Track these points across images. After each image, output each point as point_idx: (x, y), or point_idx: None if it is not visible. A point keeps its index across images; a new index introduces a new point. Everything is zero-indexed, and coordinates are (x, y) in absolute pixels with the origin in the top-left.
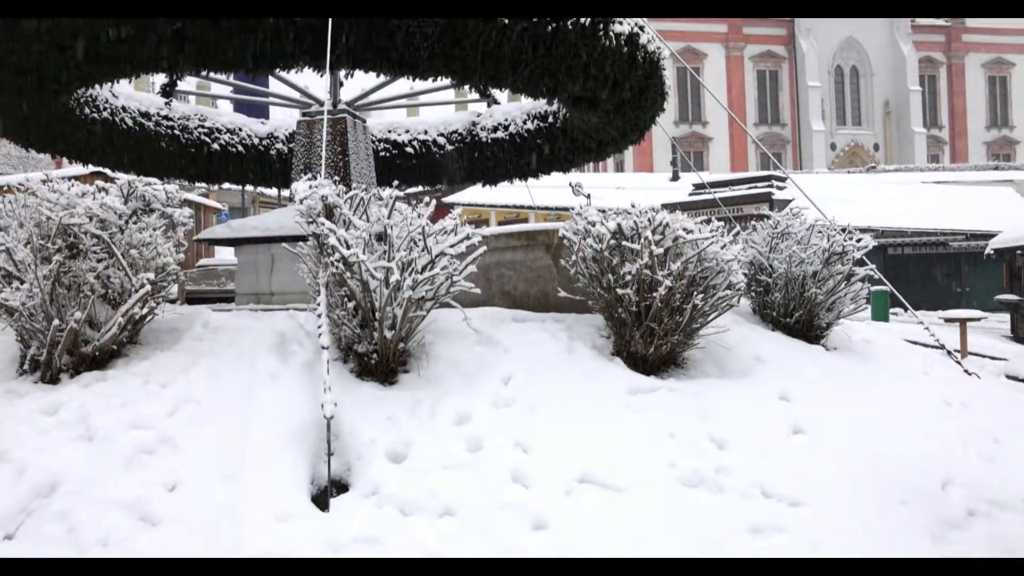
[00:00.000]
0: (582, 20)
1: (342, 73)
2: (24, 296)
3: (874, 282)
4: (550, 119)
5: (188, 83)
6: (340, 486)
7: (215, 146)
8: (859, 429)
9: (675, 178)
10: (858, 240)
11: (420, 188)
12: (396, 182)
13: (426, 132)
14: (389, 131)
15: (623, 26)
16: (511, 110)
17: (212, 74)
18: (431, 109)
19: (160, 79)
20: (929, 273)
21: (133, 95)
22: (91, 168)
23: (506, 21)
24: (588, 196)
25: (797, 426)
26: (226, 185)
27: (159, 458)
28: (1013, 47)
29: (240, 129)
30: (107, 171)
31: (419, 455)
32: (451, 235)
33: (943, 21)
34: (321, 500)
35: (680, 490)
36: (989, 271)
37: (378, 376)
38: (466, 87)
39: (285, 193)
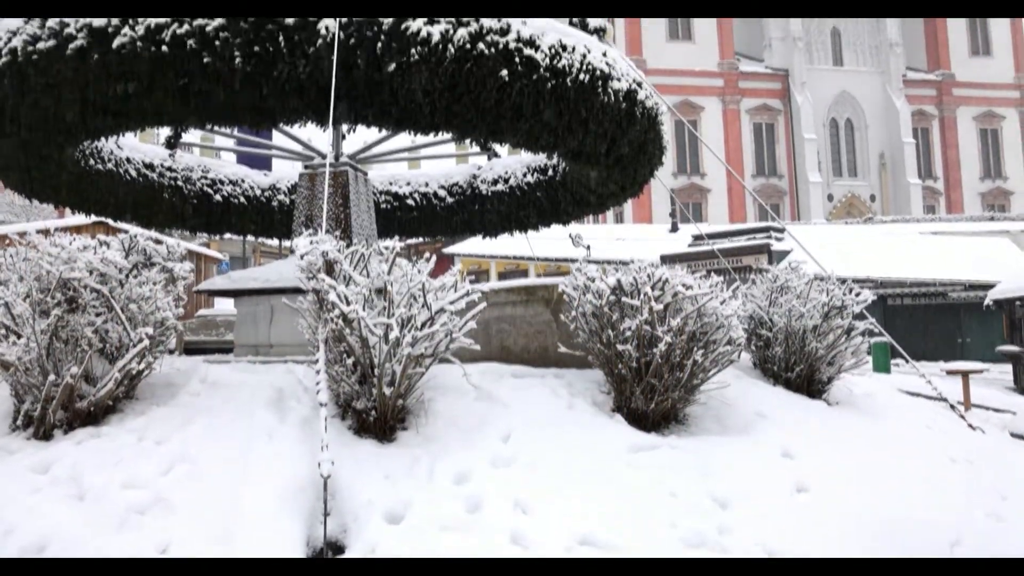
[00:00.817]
0: (581, 77)
1: (344, 127)
2: (21, 350)
3: (875, 334)
4: (550, 172)
5: (192, 135)
6: (336, 547)
7: (217, 197)
8: (864, 487)
9: (674, 229)
10: (857, 294)
11: (421, 239)
12: (397, 236)
13: (427, 184)
14: (390, 183)
15: (621, 83)
16: (511, 163)
17: (216, 127)
18: (432, 161)
19: (165, 131)
20: (929, 324)
21: (138, 147)
22: (93, 218)
23: (506, 77)
24: (588, 247)
25: (801, 484)
26: (227, 235)
27: (152, 518)
28: (1003, 101)
29: (243, 181)
30: (109, 221)
31: (417, 515)
32: (451, 291)
33: (934, 76)
34: None
35: (682, 551)
36: (989, 321)
37: (376, 433)
38: (467, 141)
39: (286, 244)
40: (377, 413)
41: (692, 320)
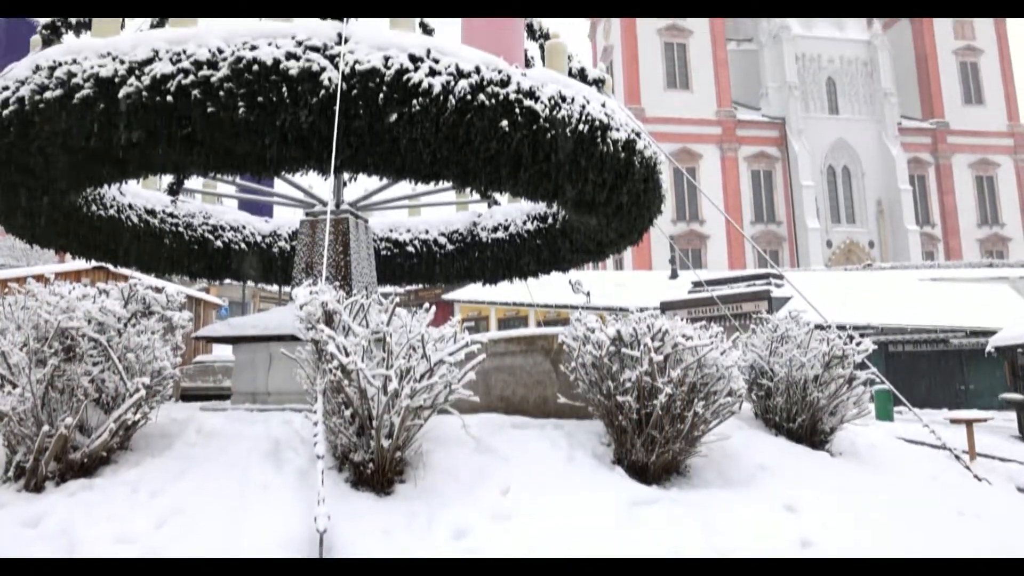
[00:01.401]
0: (580, 127)
1: (346, 175)
2: (15, 400)
3: (876, 382)
4: (549, 220)
5: (195, 181)
6: None
7: (218, 243)
8: (870, 542)
9: (674, 276)
10: (858, 343)
11: (421, 286)
12: (397, 283)
13: (427, 231)
14: (391, 230)
15: (620, 133)
16: (511, 211)
17: (218, 175)
18: (433, 208)
19: (167, 177)
20: (931, 371)
21: (140, 193)
22: (94, 263)
23: (507, 128)
24: (588, 293)
25: (805, 539)
26: (227, 280)
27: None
28: (997, 148)
29: (244, 227)
30: (110, 266)
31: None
32: (450, 342)
33: (928, 124)
34: None
35: None
36: (991, 368)
37: (374, 486)
38: (467, 189)
39: (286, 289)
40: (375, 466)
41: (693, 371)
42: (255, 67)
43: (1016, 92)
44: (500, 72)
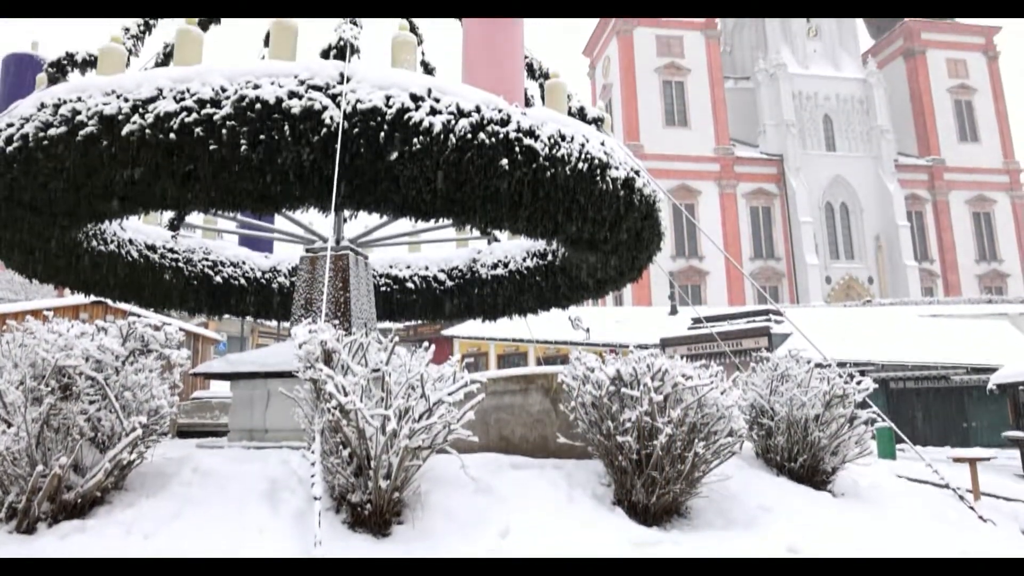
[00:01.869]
0: (580, 166)
1: (346, 212)
2: (10, 440)
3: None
4: (549, 257)
5: (195, 216)
6: None
7: (218, 279)
8: None
9: (673, 312)
10: (858, 382)
11: (420, 321)
12: (397, 319)
13: (427, 268)
14: (391, 266)
15: (619, 171)
16: (511, 248)
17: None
18: (433, 245)
19: (168, 212)
20: (933, 408)
21: (140, 228)
22: (93, 298)
23: (506, 166)
24: (587, 330)
25: None
26: (226, 315)
27: None
28: (993, 185)
29: (244, 262)
30: (109, 301)
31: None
32: (449, 381)
33: (925, 161)
34: None
35: None
36: (994, 406)
37: (371, 528)
38: (467, 226)
39: (285, 324)
40: (372, 507)
41: (693, 411)
42: (258, 105)
43: (1010, 129)
44: (500, 111)
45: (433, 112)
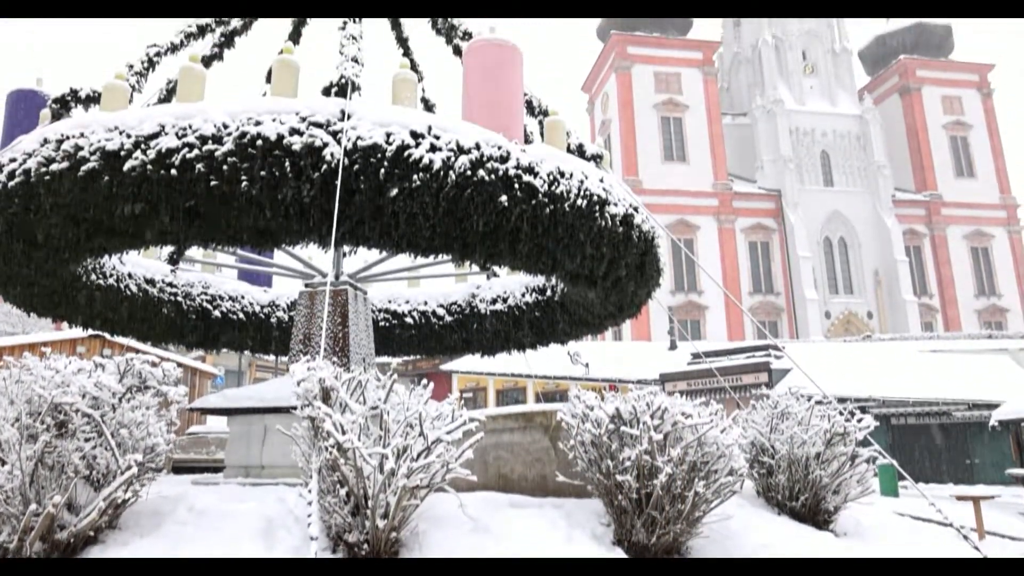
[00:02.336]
0: (579, 202)
1: (346, 247)
2: (3, 478)
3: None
4: (548, 293)
5: (195, 251)
6: None
7: (216, 313)
8: None
9: (673, 347)
10: (859, 420)
11: (418, 356)
12: (395, 353)
13: (426, 303)
14: (389, 301)
15: (618, 207)
16: (510, 283)
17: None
18: (432, 279)
19: (168, 247)
20: (936, 444)
21: (140, 262)
22: (91, 331)
23: (506, 203)
24: (587, 365)
25: None
26: (224, 349)
27: None
28: (990, 220)
29: (242, 297)
30: (107, 335)
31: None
32: (448, 419)
33: (922, 196)
34: None
35: None
36: (997, 442)
37: None
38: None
39: (283, 359)
40: (369, 547)
41: (693, 450)
42: (259, 142)
43: (1006, 165)
44: (500, 148)
45: (433, 149)
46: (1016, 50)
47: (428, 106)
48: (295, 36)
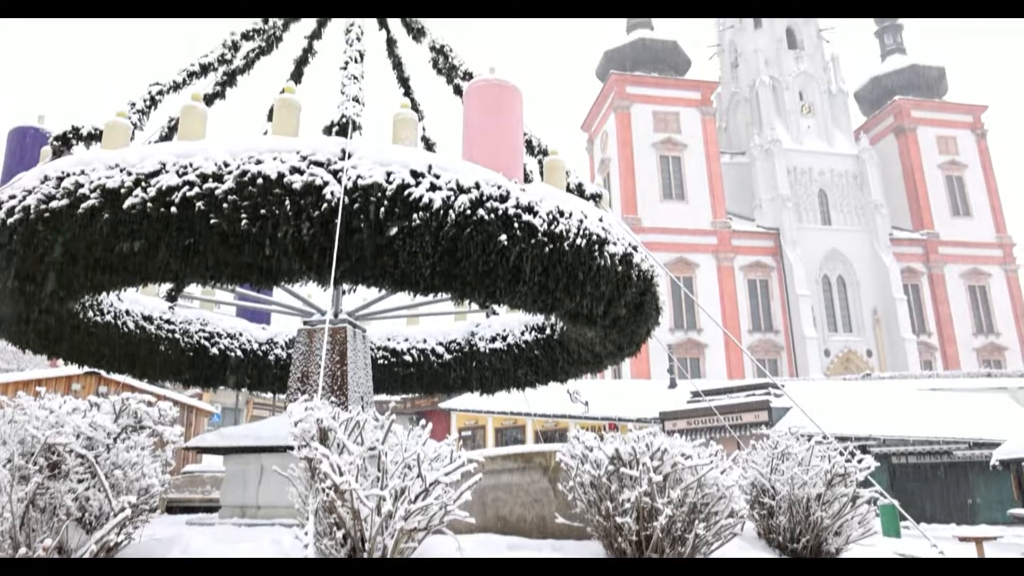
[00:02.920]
0: (578, 241)
1: (345, 285)
2: None
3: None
4: (547, 331)
5: (193, 287)
6: None
7: (214, 350)
8: None
9: (672, 385)
10: (860, 460)
11: (417, 394)
12: (394, 391)
13: (425, 341)
14: (388, 339)
15: (617, 246)
16: (509, 322)
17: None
18: (431, 317)
19: (167, 283)
20: (937, 484)
21: (138, 299)
22: (86, 369)
23: (505, 242)
24: (586, 403)
25: None
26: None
27: None
28: (987, 259)
29: (240, 334)
30: (102, 372)
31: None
32: (446, 461)
33: (919, 235)
34: None
35: None
36: (998, 481)
37: None
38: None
39: (281, 397)
40: None
41: (693, 491)
42: (259, 180)
43: (1001, 204)
44: (499, 187)
45: (433, 188)
46: (1009, 91)
47: (429, 145)
48: (297, 75)
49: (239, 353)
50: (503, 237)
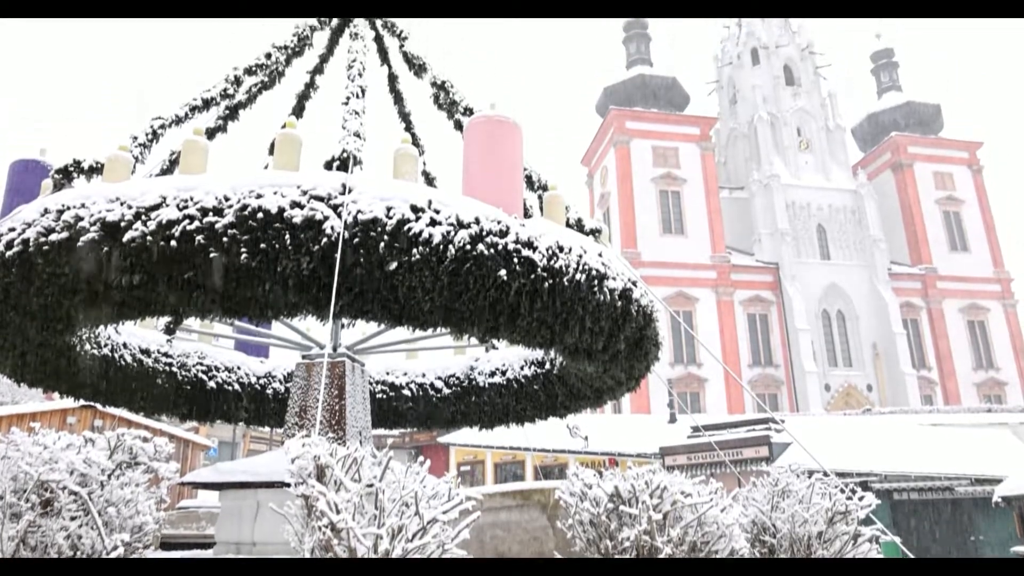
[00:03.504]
0: (577, 277)
1: (344, 319)
2: None
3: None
4: (547, 366)
5: (192, 321)
6: None
7: (211, 384)
8: None
9: (672, 420)
10: (860, 497)
11: (416, 429)
12: (393, 426)
13: (424, 375)
14: (387, 372)
15: (617, 282)
16: (509, 356)
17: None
18: (430, 351)
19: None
20: (938, 521)
21: (135, 332)
22: (82, 402)
23: (505, 277)
24: (586, 438)
25: None
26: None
27: None
28: (986, 294)
29: (238, 367)
30: (98, 405)
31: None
32: (444, 498)
33: (917, 269)
34: None
35: None
36: (1001, 519)
37: None
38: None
39: (279, 431)
40: None
41: (693, 529)
42: (260, 214)
43: (999, 240)
44: (499, 222)
45: (433, 223)
46: (1004, 127)
47: (429, 180)
48: (299, 110)
49: (236, 387)
50: (503, 272)
